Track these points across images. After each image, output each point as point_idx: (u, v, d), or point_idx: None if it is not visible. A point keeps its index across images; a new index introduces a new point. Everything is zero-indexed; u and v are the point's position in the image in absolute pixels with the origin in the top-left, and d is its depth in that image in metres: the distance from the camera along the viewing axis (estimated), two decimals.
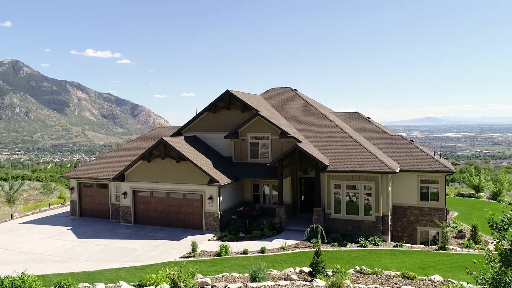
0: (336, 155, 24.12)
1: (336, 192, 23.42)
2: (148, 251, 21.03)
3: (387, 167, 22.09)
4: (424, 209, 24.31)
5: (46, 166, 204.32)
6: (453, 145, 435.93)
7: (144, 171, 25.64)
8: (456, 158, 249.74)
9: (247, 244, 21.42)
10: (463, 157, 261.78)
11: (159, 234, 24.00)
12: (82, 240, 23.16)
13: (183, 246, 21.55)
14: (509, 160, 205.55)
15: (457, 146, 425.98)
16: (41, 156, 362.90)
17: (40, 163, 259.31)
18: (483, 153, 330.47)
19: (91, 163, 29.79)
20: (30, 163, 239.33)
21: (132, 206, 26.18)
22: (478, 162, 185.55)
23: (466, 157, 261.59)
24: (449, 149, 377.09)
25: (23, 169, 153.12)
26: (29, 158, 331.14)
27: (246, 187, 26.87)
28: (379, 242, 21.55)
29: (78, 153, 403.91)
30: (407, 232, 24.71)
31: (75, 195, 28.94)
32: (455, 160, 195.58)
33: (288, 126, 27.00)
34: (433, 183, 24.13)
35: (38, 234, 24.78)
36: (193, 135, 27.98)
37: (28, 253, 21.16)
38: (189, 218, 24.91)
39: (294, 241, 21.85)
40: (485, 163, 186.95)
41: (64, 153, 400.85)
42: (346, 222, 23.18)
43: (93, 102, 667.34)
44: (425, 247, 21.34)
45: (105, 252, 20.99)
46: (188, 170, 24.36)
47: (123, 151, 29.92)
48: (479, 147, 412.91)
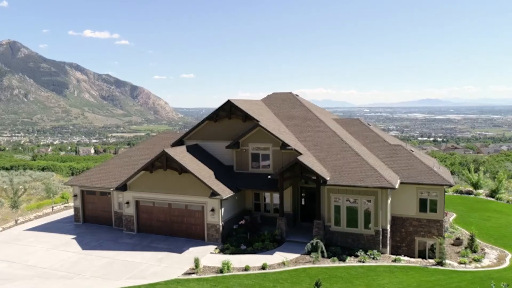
0: (336, 168, 24.35)
1: (336, 205, 23.74)
2: (152, 265, 21.47)
3: (387, 182, 22.35)
4: (422, 221, 24.69)
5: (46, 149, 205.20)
6: (453, 127, 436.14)
7: (146, 181, 25.91)
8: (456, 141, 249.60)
9: (249, 259, 21.87)
10: (463, 140, 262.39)
11: (161, 245, 24.43)
12: (86, 252, 23.59)
13: (185, 260, 21.99)
14: (509, 144, 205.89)
15: (457, 128, 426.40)
16: (41, 138, 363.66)
17: (40, 145, 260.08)
18: (483, 135, 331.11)
19: (93, 170, 30.01)
20: (30, 146, 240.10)
21: (134, 215, 26.56)
22: (478, 146, 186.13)
23: (466, 140, 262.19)
24: (449, 131, 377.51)
25: (24, 153, 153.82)
26: (29, 140, 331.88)
27: (247, 196, 27.19)
28: (378, 256, 21.97)
29: (78, 135, 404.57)
30: (405, 242, 25.14)
31: (78, 202, 29.30)
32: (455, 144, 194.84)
33: (289, 135, 27.13)
34: (432, 195, 24.43)
35: (43, 244, 25.20)
36: (195, 143, 28.14)
37: (34, 267, 21.61)
38: (191, 228, 25.31)
39: (295, 255, 22.27)
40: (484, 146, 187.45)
41: (64, 135, 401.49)
42: (346, 235, 23.58)
43: (92, 84, 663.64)
44: (422, 262, 21.76)
45: (109, 267, 21.42)
46: (190, 181, 24.63)
47: (125, 158, 30.11)
48: (479, 129, 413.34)
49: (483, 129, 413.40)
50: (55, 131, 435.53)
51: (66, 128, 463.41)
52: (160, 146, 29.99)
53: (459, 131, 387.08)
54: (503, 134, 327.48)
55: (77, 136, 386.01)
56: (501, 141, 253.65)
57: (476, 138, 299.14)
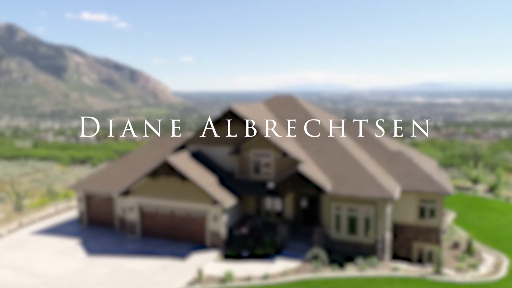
0: (337, 176, 24.63)
1: (336, 213, 24.12)
2: (156, 274, 21.95)
3: (387, 193, 22.67)
4: (421, 227, 25.10)
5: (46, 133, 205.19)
6: (454, 111, 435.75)
7: (149, 187, 26.24)
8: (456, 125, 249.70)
9: (251, 267, 22.40)
10: (463, 124, 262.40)
11: (165, 251, 24.90)
12: (91, 259, 24.05)
13: (189, 268, 22.47)
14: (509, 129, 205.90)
15: (458, 112, 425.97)
16: (41, 122, 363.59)
17: (40, 130, 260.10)
18: (483, 119, 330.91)
19: (97, 174, 30.29)
20: (30, 131, 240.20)
21: (138, 220, 26.97)
22: (477, 131, 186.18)
23: (466, 124, 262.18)
24: (449, 115, 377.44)
25: (24, 138, 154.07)
26: (29, 124, 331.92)
27: (249, 201, 27.54)
28: (377, 265, 22.46)
29: (78, 119, 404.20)
30: (404, 248, 25.61)
31: (82, 205, 29.69)
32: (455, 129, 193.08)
33: (290, 142, 27.33)
34: (431, 202, 24.78)
35: (48, 249, 25.67)
36: (197, 148, 28.36)
37: (41, 276, 22.10)
38: (194, 234, 25.74)
39: (296, 263, 22.76)
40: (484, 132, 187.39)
41: (64, 119, 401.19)
42: (346, 243, 24.03)
43: (91, 67, 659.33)
44: (421, 271, 22.25)
45: (114, 276, 21.90)
46: (192, 189, 24.96)
47: (127, 162, 30.37)
48: (479, 112, 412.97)
49: (484, 113, 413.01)
50: (54, 114, 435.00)
51: (66, 112, 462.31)
52: (162, 149, 30.27)
53: (459, 115, 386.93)
54: (504, 118, 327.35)
55: (77, 120, 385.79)
56: (501, 125, 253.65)
57: (477, 122, 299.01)
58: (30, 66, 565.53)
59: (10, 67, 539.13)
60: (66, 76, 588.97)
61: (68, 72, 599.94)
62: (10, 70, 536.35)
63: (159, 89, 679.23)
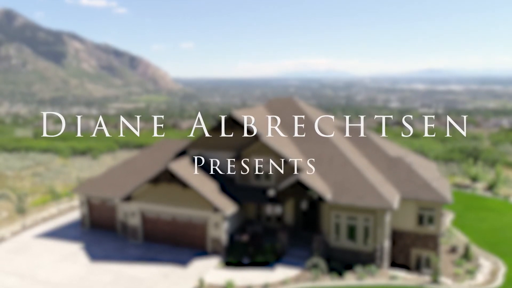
0: (337, 184, 24.82)
1: (336, 221, 24.38)
2: (157, 282, 22.30)
3: (387, 203, 22.87)
4: (420, 234, 25.37)
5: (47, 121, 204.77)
6: (455, 98, 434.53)
7: (151, 193, 26.46)
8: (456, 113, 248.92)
9: (251, 275, 22.76)
10: (464, 112, 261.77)
11: (166, 257, 25.22)
12: (94, 265, 24.39)
13: (190, 276, 22.83)
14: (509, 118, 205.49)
15: (459, 99, 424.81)
16: (41, 108, 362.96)
17: (40, 117, 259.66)
18: (484, 107, 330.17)
19: (99, 178, 30.46)
20: (30, 118, 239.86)
21: (139, 225, 27.27)
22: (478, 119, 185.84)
23: (467, 112, 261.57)
24: (450, 103, 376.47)
25: (24, 126, 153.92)
26: (29, 111, 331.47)
27: (249, 207, 27.76)
28: (376, 273, 22.81)
29: (78, 105, 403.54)
30: (402, 254, 25.93)
31: (84, 209, 29.97)
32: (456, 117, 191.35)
33: (290, 148, 27.44)
34: (430, 210, 25.00)
35: (52, 254, 25.99)
36: (198, 153, 28.49)
37: (45, 283, 22.45)
38: (195, 241, 26.05)
39: (296, 271, 23.10)
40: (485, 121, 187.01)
41: (64, 105, 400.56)
42: (345, 251, 24.34)
43: (90, 54, 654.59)
44: (418, 279, 22.61)
45: (117, 283, 22.25)
46: (193, 195, 25.18)
47: (129, 166, 30.52)
48: (480, 100, 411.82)
49: (485, 100, 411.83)
50: (54, 101, 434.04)
51: (66, 98, 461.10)
52: (164, 153, 30.40)
53: (460, 102, 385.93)
54: (504, 106, 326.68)
55: (77, 107, 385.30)
56: (502, 113, 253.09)
57: (478, 109, 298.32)
58: (29, 52, 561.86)
59: (9, 53, 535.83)
60: (65, 62, 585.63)
61: (67, 58, 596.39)
62: (9, 56, 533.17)
63: (159, 75, 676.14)
